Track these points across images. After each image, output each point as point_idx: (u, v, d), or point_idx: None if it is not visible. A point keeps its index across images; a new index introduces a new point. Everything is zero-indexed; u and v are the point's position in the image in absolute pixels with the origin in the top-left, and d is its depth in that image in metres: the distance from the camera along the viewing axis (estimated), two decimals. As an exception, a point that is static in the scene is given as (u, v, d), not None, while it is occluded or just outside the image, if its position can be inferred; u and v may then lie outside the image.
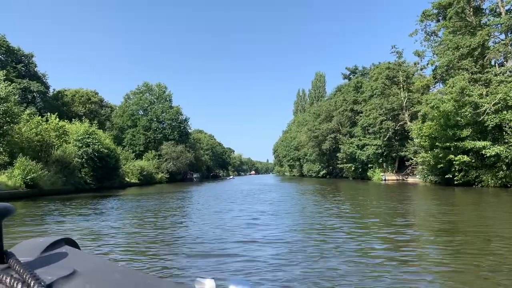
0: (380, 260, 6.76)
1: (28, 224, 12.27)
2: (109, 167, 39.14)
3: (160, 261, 7.04)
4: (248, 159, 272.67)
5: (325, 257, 7.06)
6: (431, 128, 31.58)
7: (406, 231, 9.94)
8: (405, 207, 16.49)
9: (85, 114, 60.75)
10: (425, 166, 39.78)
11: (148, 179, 56.98)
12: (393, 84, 48.05)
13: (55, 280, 0.62)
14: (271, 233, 9.78)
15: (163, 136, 69.18)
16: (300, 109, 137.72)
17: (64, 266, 0.69)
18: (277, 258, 7.01)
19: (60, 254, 0.78)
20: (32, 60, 55.58)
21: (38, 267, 0.67)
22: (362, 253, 7.42)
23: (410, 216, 13.42)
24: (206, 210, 16.54)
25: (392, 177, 53.84)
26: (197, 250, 7.87)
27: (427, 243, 8.52)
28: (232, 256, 7.19)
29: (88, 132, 37.47)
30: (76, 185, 34.15)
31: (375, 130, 52.75)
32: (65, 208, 18.31)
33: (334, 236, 9.26)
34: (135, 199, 25.12)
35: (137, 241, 9.10)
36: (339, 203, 18.57)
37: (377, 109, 49.64)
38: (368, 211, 14.77)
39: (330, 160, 76.29)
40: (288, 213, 14.84)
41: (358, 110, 59.88)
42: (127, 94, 71.76)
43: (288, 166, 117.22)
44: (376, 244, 8.36)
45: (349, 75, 69.23)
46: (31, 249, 0.78)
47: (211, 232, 10.11)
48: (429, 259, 6.93)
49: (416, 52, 34.99)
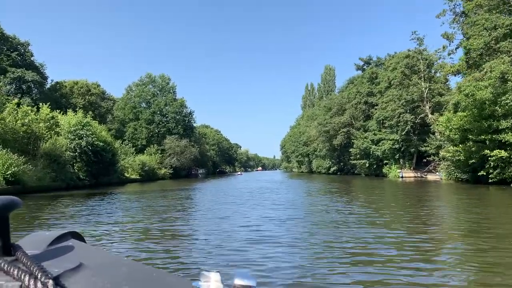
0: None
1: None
2: (105, 161, 36.14)
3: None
4: (255, 155, 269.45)
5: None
6: (462, 119, 28.01)
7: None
8: (467, 214, 13.09)
9: (85, 106, 57.84)
10: (449, 162, 36.23)
11: (150, 175, 54.05)
12: (412, 73, 44.29)
13: (62, 272, 0.62)
14: (296, 259, 6.53)
15: (167, 130, 66.02)
16: (309, 104, 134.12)
17: (70, 259, 0.69)
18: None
19: (67, 247, 0.78)
20: (28, 49, 52.84)
21: (45, 260, 0.67)
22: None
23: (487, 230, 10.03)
24: (209, 216, 13.34)
25: (409, 174, 50.30)
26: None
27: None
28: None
29: (82, 124, 34.46)
30: (67, 182, 31.19)
31: (392, 124, 49.10)
32: (37, 209, 15.21)
33: (384, 262, 5.97)
34: (127, 198, 22.04)
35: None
36: (365, 206, 15.22)
37: (395, 101, 45.95)
38: (408, 217, 11.43)
39: (341, 156, 72.83)
40: (310, 222, 11.54)
41: (373, 102, 56.20)
42: (129, 85, 68.62)
43: (296, 162, 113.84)
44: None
45: (363, 66, 65.42)
46: (38, 242, 0.78)
47: (215, 254, 6.95)
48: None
49: (445, 34, 31.22)
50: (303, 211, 14.15)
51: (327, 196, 20.79)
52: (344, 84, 73.88)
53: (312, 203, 17.53)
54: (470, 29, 27.90)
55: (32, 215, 13.18)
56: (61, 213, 14.01)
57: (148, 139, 64.20)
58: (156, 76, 68.58)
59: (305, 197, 21.22)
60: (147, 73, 68.42)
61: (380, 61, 62.35)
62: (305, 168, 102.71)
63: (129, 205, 17.48)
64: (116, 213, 14.03)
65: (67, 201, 19.38)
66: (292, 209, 14.57)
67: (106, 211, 14.68)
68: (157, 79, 68.64)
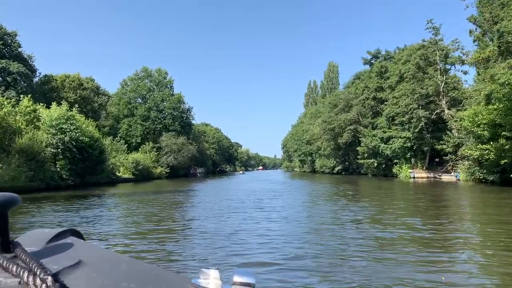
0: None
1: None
2: (91, 159, 32.80)
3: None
4: (255, 154, 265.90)
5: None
6: (492, 112, 24.65)
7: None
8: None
9: (76, 101, 54.51)
10: (471, 162, 32.90)
11: (144, 174, 50.69)
12: (427, 66, 40.86)
13: (61, 269, 0.62)
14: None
15: (163, 126, 62.54)
16: (311, 102, 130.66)
17: (69, 256, 0.69)
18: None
19: (66, 244, 0.78)
20: (15, 40, 49.49)
21: (44, 257, 0.67)
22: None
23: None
24: (204, 230, 10.06)
25: (422, 174, 46.93)
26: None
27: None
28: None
29: (65, 117, 31.12)
30: (47, 181, 27.90)
31: (404, 121, 45.71)
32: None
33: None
34: (113, 203, 18.76)
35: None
36: (386, 213, 11.91)
37: (408, 96, 42.54)
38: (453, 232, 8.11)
39: (346, 155, 69.51)
40: (326, 243, 8.23)
41: (382, 98, 52.78)
42: (124, 80, 64.98)
43: (298, 161, 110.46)
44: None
45: (370, 60, 61.95)
46: (37, 239, 0.78)
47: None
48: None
49: (472, 17, 27.80)
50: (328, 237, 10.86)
51: (343, 203, 17.46)
52: (350, 79, 70.45)
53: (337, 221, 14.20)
54: (502, 11, 24.51)
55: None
56: (22, 224, 10.64)
57: (144, 136, 60.77)
58: (152, 70, 65.05)
59: (325, 206, 17.90)
60: (143, 67, 64.94)
61: (389, 55, 58.90)
62: (308, 167, 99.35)
63: (107, 214, 14.16)
64: (93, 223, 10.73)
65: (39, 206, 16.06)
66: (315, 234, 11.26)
67: (83, 220, 11.44)
68: (154, 73, 65.09)
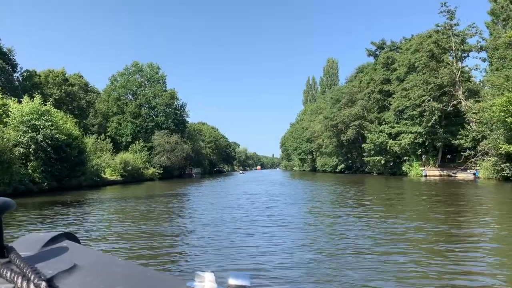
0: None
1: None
2: (70, 160, 29.07)
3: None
4: (253, 153, 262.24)
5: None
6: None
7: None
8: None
9: (61, 98, 50.71)
10: (497, 158, 29.44)
11: (134, 175, 46.89)
12: (442, 53, 37.30)
13: (56, 274, 0.61)
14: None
15: (155, 124, 58.64)
16: (310, 99, 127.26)
17: (64, 261, 0.69)
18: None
19: (61, 248, 0.77)
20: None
21: (38, 262, 0.66)
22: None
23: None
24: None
25: (434, 172, 43.47)
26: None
27: None
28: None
29: (39, 112, 27.36)
30: (15, 185, 24.18)
31: (414, 114, 42.20)
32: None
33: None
34: (87, 212, 15.10)
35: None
36: (420, 228, 8.34)
37: (420, 87, 38.99)
38: None
39: (350, 152, 66.02)
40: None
41: (389, 90, 49.23)
42: (113, 75, 61.00)
43: (298, 160, 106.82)
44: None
45: (375, 51, 58.40)
46: (32, 244, 0.77)
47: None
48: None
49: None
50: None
51: (368, 213, 13.87)
52: (353, 73, 66.92)
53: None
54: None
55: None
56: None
57: (134, 135, 56.89)
58: (143, 65, 61.09)
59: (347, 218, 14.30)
60: (134, 62, 60.94)
61: (395, 45, 55.34)
62: (308, 166, 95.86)
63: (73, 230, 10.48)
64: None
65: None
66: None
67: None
68: (145, 68, 61.16)
